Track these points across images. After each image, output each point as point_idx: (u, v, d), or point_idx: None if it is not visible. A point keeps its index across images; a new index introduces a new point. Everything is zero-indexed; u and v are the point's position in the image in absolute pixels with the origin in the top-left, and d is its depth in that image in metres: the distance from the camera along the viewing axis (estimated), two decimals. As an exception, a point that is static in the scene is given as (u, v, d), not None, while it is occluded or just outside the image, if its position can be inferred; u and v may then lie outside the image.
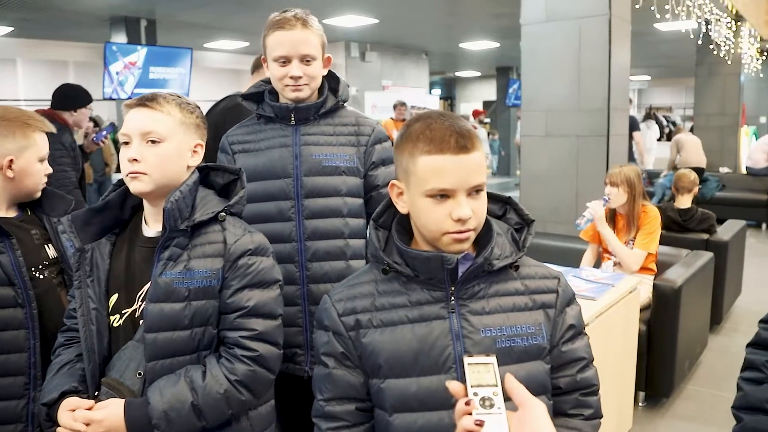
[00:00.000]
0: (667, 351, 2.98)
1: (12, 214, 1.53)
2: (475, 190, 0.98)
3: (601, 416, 1.08)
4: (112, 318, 1.24)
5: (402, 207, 1.04)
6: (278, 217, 1.61)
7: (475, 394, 0.76)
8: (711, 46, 7.77)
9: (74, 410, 1.13)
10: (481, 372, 0.78)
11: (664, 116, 14.43)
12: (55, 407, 1.16)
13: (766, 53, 10.04)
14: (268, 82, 1.68)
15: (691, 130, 9.48)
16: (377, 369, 1.02)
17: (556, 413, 1.05)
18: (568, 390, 1.06)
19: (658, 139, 10.03)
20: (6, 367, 1.41)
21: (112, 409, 1.13)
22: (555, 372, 1.05)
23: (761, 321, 1.14)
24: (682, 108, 18.93)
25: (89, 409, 1.14)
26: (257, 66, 2.47)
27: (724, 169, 8.46)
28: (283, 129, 1.64)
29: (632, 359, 2.75)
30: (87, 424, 1.11)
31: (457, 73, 17.51)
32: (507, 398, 0.78)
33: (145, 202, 1.27)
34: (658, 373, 3.00)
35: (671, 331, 2.96)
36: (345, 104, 1.71)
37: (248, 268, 1.23)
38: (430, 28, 9.26)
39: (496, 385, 0.76)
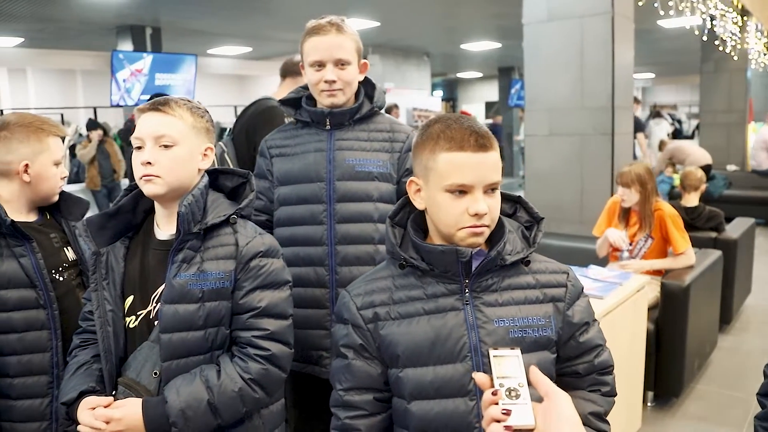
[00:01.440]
0: (676, 350, 2.96)
1: (32, 218, 1.57)
2: (491, 188, 1.04)
3: (615, 394, 1.14)
4: (127, 319, 1.26)
5: (419, 203, 1.09)
6: (310, 221, 1.63)
7: (501, 385, 0.78)
8: (716, 42, 7.74)
9: (94, 408, 1.16)
10: (507, 364, 0.81)
11: (669, 114, 14.37)
12: (74, 406, 1.19)
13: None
14: (305, 88, 1.71)
15: (697, 127, 9.43)
16: (395, 359, 1.06)
17: (574, 389, 1.10)
18: (585, 374, 1.12)
19: (667, 135, 9.95)
20: (30, 367, 1.45)
21: (131, 407, 1.16)
22: (574, 360, 1.11)
23: None
24: (687, 105, 18.87)
25: (107, 406, 1.17)
26: (287, 72, 2.50)
27: (731, 167, 8.41)
28: (319, 134, 1.67)
29: (640, 358, 2.75)
30: (106, 423, 1.14)
31: (459, 75, 17.53)
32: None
33: (156, 206, 1.30)
34: (667, 373, 2.99)
35: (680, 330, 2.95)
36: (380, 110, 1.73)
37: (260, 269, 1.25)
38: (431, 30, 9.29)
39: (521, 377, 0.79)
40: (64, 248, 1.58)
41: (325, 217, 1.62)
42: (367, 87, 1.72)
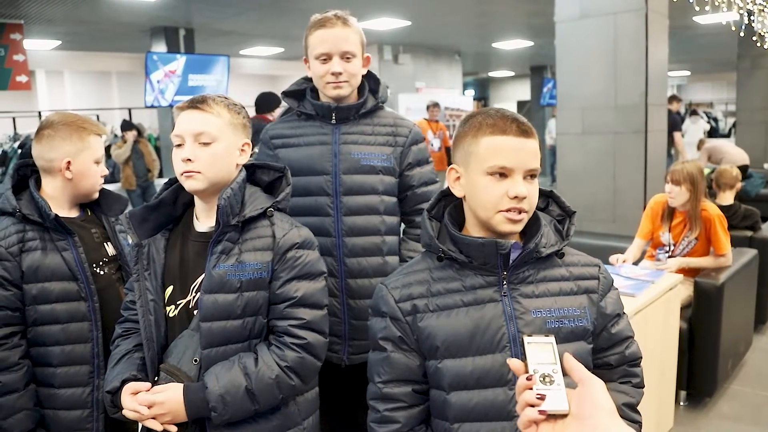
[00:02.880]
0: (709, 349, 2.92)
1: (74, 214, 1.63)
2: (530, 175, 1.06)
3: (644, 386, 1.16)
4: (168, 309, 1.31)
5: (458, 190, 1.12)
6: (318, 212, 1.67)
7: (535, 371, 0.79)
8: (754, 38, 7.53)
9: (136, 393, 1.21)
10: (541, 351, 0.81)
11: (705, 112, 14.03)
12: (118, 394, 1.24)
13: (812, 45, 9.66)
14: (309, 80, 1.74)
15: (734, 125, 9.17)
16: (434, 350, 1.08)
17: (605, 381, 1.10)
18: (617, 365, 1.14)
19: (704, 133, 9.71)
20: (72, 357, 1.52)
21: (172, 392, 1.21)
22: (606, 351, 1.13)
23: None
24: (724, 103, 18.38)
25: (148, 390, 1.22)
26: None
27: (768, 165, 8.18)
28: (323, 127, 1.70)
29: (673, 357, 2.72)
30: (149, 407, 1.19)
31: (491, 74, 17.40)
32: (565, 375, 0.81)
33: (196, 199, 1.34)
34: (700, 372, 2.94)
35: (713, 329, 2.90)
36: (384, 105, 1.77)
37: (296, 260, 1.29)
38: (462, 29, 9.25)
39: (555, 363, 0.80)
40: (105, 243, 1.64)
41: (332, 210, 1.65)
42: (370, 81, 1.74)
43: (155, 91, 7.91)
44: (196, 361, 1.25)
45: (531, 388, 0.77)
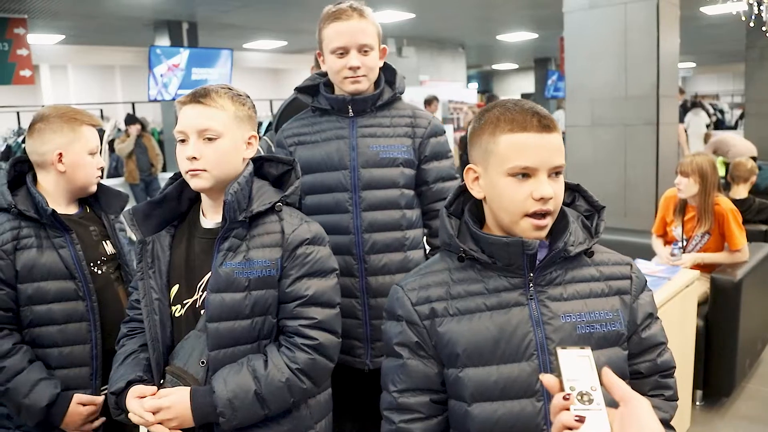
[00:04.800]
0: (726, 348, 2.85)
1: (72, 210, 1.57)
2: (555, 172, 0.98)
3: (678, 398, 1.08)
4: (173, 308, 1.26)
5: (478, 192, 1.04)
6: (336, 209, 1.61)
7: (572, 388, 0.72)
8: (763, 29, 7.42)
9: (142, 397, 1.16)
10: (577, 365, 0.74)
11: (711, 104, 13.88)
12: (122, 396, 1.19)
13: (822, 35, 9.52)
14: (322, 74, 1.68)
15: (741, 116, 9.06)
16: (454, 358, 1.00)
17: None
18: (648, 374, 1.05)
19: (708, 126, 9.60)
20: (71, 359, 1.46)
21: (179, 396, 1.15)
22: (636, 358, 1.05)
23: None
24: (730, 95, 18.22)
25: (153, 395, 1.16)
26: None
27: (778, 158, 8.08)
28: (340, 121, 1.64)
29: (689, 356, 2.65)
30: (155, 413, 1.14)
31: (494, 66, 17.29)
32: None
33: (203, 195, 1.29)
34: (717, 371, 2.87)
35: (731, 327, 2.83)
36: (401, 97, 1.70)
37: (306, 257, 1.23)
38: (466, 21, 9.17)
39: (594, 379, 0.73)
40: (103, 242, 1.58)
41: (350, 206, 1.59)
42: (386, 73, 1.68)
43: (159, 85, 7.86)
44: (203, 363, 1.19)
45: (568, 409, 0.70)
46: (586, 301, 1.01)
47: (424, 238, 1.73)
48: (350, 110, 1.62)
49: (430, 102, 8.06)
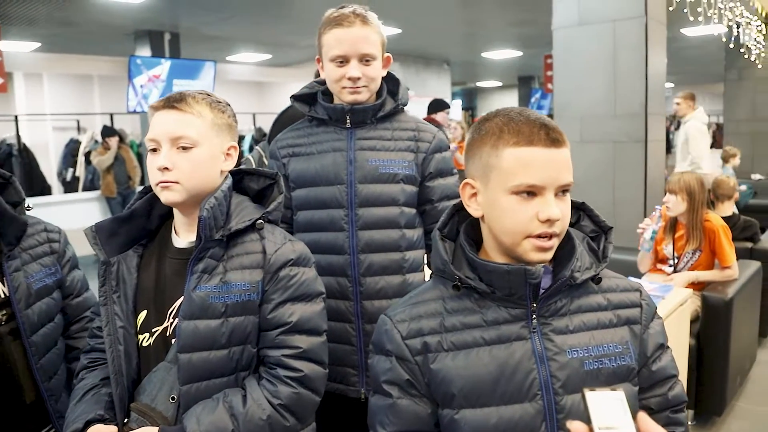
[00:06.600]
0: (718, 367, 2.81)
1: None
2: (563, 191, 0.89)
3: None
4: (140, 337, 1.14)
5: (475, 210, 0.94)
6: (330, 227, 1.50)
7: None
8: (742, 50, 7.57)
9: None
10: (608, 409, 0.65)
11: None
12: None
13: (796, 57, 9.76)
14: (321, 83, 1.58)
15: (714, 137, 9.21)
16: (449, 398, 0.90)
17: None
18: (659, 410, 0.96)
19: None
20: None
21: None
22: (645, 392, 0.95)
23: None
24: (707, 115, 18.57)
25: None
26: None
27: (756, 176, 8.21)
28: (337, 132, 1.53)
29: (682, 376, 2.60)
30: None
31: (479, 84, 17.41)
32: None
33: (175, 211, 1.18)
34: (708, 390, 2.83)
35: (723, 345, 2.80)
36: (405, 109, 1.60)
37: (290, 279, 1.12)
38: (452, 38, 9.21)
39: (629, 426, 0.64)
40: None
41: (346, 223, 1.48)
42: (389, 83, 1.58)
43: (138, 96, 7.71)
44: (173, 399, 1.07)
45: None
46: (593, 333, 0.92)
47: (425, 259, 1.63)
48: (349, 121, 1.51)
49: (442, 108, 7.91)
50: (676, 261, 3.04)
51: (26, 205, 1.40)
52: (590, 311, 0.93)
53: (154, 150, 1.11)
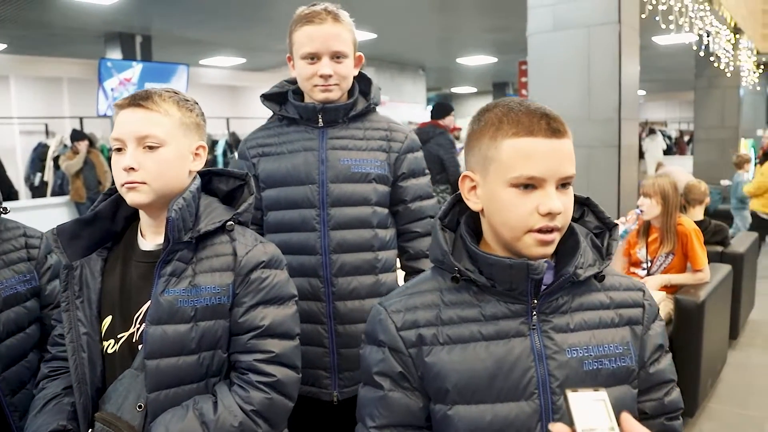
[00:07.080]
0: (690, 368, 2.85)
1: None
2: (564, 183, 0.86)
3: None
4: (105, 343, 1.09)
5: (474, 203, 0.92)
6: (301, 227, 1.47)
7: None
8: (711, 59, 7.75)
9: None
10: (591, 409, 0.63)
11: (660, 130, 14.44)
12: None
13: (762, 66, 10.05)
14: (291, 82, 1.56)
15: (689, 143, 9.43)
16: (443, 393, 0.88)
17: None
18: (654, 415, 0.94)
19: (665, 152, 9.97)
20: None
21: None
22: (640, 395, 0.93)
23: None
24: (677, 122, 19.01)
25: None
26: None
27: (725, 182, 8.40)
28: (309, 132, 1.51)
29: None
30: None
31: (453, 89, 17.53)
32: None
33: (141, 213, 1.14)
34: (681, 392, 2.85)
35: (695, 347, 2.84)
36: (376, 109, 1.59)
37: (262, 282, 1.09)
38: (427, 44, 9.24)
39: (613, 428, 0.62)
40: None
41: (318, 223, 1.46)
42: (361, 83, 1.57)
43: (109, 100, 7.57)
44: (140, 407, 1.03)
45: None
46: (594, 333, 0.89)
47: (397, 260, 1.61)
48: (320, 120, 1.49)
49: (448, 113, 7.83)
50: (649, 264, 3.08)
51: (1, 209, 1.34)
52: (592, 309, 0.91)
53: (119, 150, 1.08)
